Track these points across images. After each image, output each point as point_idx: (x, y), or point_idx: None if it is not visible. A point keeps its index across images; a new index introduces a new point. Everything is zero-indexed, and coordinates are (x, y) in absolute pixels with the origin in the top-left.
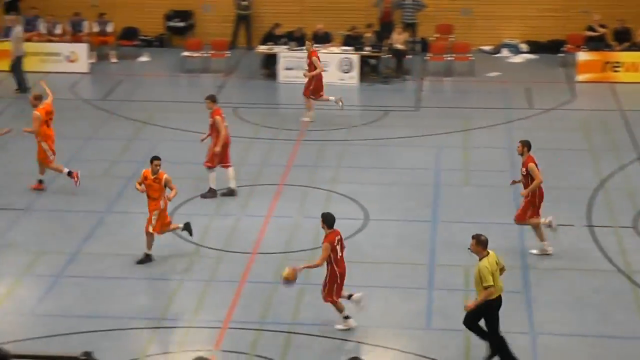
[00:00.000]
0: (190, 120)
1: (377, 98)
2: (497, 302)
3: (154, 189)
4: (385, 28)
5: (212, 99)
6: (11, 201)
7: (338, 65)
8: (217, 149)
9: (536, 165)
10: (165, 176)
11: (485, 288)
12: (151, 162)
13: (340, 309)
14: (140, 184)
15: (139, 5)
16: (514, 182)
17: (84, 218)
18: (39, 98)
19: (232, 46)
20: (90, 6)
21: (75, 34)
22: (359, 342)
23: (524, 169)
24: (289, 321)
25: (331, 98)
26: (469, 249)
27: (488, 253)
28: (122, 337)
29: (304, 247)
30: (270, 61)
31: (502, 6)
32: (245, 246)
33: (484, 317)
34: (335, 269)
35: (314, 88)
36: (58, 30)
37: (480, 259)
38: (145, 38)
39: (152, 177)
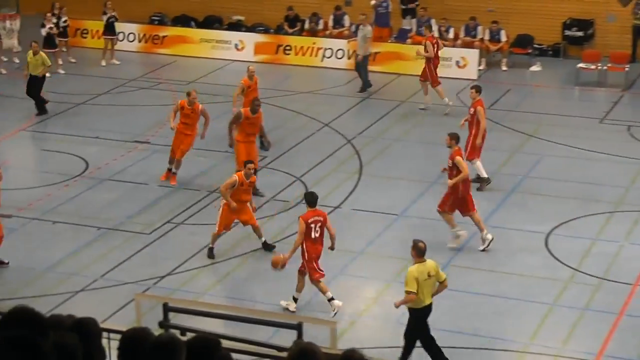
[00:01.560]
0: (579, 136)
1: None
2: (422, 312)
3: (248, 192)
4: None
5: (477, 89)
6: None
7: None
8: (479, 141)
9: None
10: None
11: (406, 293)
12: (245, 165)
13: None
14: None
15: (536, 12)
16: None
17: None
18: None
19: (632, 59)
20: (487, 11)
21: (467, 40)
22: None
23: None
24: None
25: None
26: None
27: (424, 261)
28: (485, 357)
29: None
30: None
31: None
32: (627, 276)
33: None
34: (305, 247)
35: None
36: (450, 34)
37: (413, 264)
38: (539, 47)
39: (247, 182)
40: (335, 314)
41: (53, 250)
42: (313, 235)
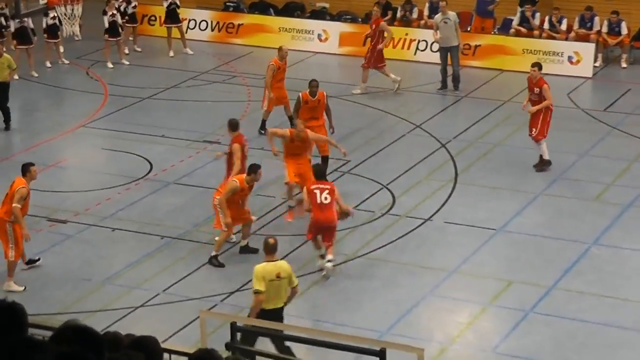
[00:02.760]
0: None
1: None
2: (267, 315)
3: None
4: None
5: (539, 66)
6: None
7: None
8: (548, 118)
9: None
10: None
11: (253, 292)
12: (255, 171)
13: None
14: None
15: None
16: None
17: (566, 247)
18: None
19: None
20: (605, 1)
21: (582, 32)
22: None
23: None
24: None
25: None
26: None
27: (274, 260)
28: None
29: None
30: None
31: None
32: None
33: None
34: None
35: None
36: (563, 26)
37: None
38: None
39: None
40: (322, 270)
41: (111, 261)
42: (318, 201)
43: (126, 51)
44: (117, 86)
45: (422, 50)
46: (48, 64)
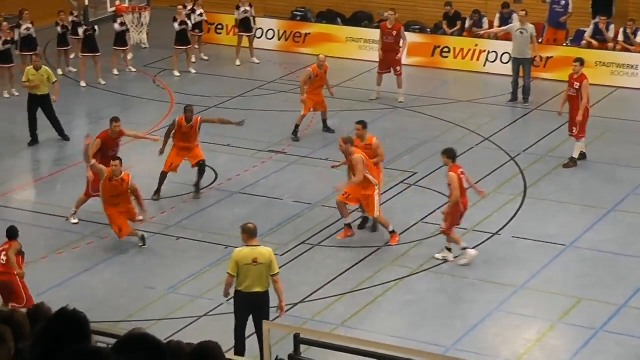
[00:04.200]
0: None
1: None
2: (241, 296)
3: None
4: None
5: (581, 62)
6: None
7: None
8: (580, 118)
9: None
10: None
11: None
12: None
13: (456, 241)
14: None
15: None
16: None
17: (638, 265)
18: None
19: None
20: None
21: None
22: None
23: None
24: None
25: None
26: None
27: (255, 245)
28: None
29: None
30: None
31: None
32: None
33: None
34: (460, 200)
35: None
36: (638, 38)
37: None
38: None
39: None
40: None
41: (175, 270)
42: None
43: (193, 59)
44: (183, 94)
45: (491, 62)
46: (115, 72)
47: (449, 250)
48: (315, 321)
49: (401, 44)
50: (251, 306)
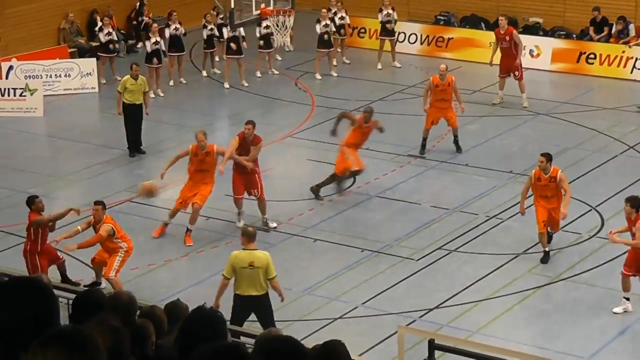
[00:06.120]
0: None
1: None
2: (239, 299)
3: None
4: None
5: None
6: None
7: None
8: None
9: None
10: None
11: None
12: None
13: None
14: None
15: None
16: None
17: None
18: None
19: None
20: None
21: None
22: None
23: None
24: None
25: None
26: None
27: (252, 250)
28: None
29: None
30: None
31: None
32: None
33: None
34: None
35: None
36: None
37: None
38: None
39: None
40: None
41: (312, 271)
42: None
43: (334, 63)
44: (324, 97)
45: (639, 69)
46: (258, 74)
47: (627, 299)
48: (450, 327)
49: (516, 49)
50: (249, 308)
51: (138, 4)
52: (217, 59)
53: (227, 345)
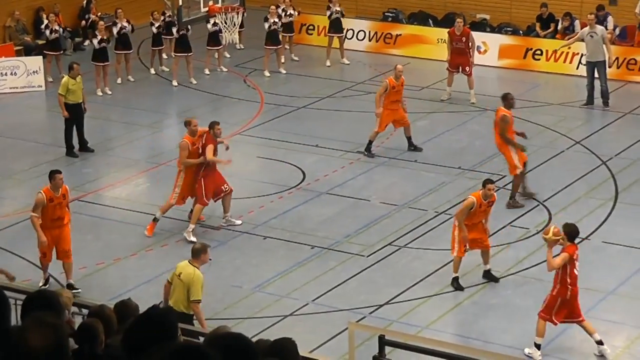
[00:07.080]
0: None
1: None
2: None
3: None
4: None
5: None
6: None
7: None
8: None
9: None
10: None
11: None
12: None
13: (539, 334)
14: None
15: None
16: None
17: None
18: None
19: None
20: None
21: None
22: None
23: None
24: None
25: None
26: None
27: (191, 263)
28: None
29: None
30: None
31: None
32: None
33: None
34: (569, 286)
35: None
36: None
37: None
38: None
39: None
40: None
41: (262, 269)
42: (575, 271)
43: (283, 60)
44: (273, 95)
45: (584, 65)
46: (207, 72)
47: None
48: (400, 323)
49: (471, 48)
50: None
51: (85, 1)
52: (165, 56)
53: (188, 346)
